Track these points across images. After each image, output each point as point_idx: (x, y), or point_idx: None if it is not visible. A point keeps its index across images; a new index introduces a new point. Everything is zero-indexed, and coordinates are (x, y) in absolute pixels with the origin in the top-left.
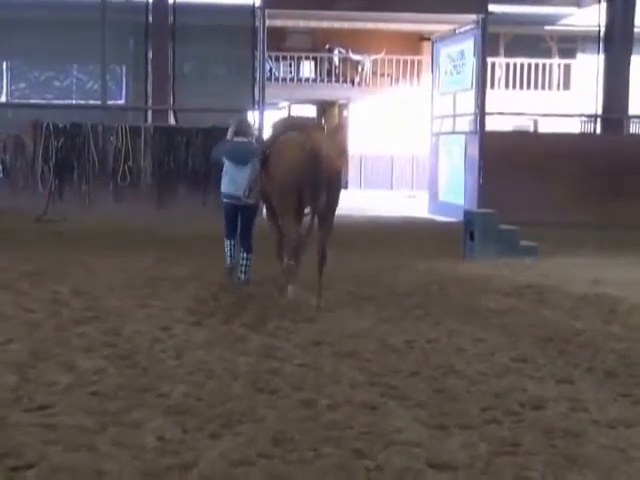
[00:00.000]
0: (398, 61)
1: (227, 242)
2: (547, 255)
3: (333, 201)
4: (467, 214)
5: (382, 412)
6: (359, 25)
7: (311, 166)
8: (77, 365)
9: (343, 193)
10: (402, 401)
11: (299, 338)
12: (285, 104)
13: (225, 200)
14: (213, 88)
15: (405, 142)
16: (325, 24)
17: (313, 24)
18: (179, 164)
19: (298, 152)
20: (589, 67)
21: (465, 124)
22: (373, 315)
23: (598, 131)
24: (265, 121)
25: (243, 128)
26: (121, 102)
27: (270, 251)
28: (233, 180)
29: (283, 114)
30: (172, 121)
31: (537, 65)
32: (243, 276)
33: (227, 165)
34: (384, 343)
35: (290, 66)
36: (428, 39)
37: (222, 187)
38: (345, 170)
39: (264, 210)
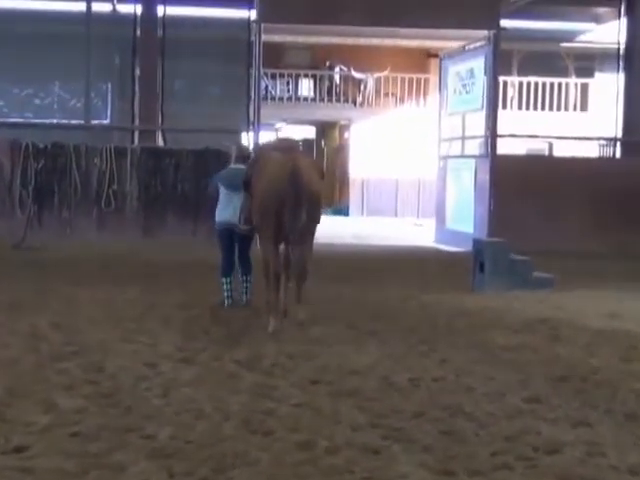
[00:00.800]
0: (403, 79)
1: (225, 280)
2: (561, 287)
3: (313, 223)
4: (476, 243)
5: (385, 456)
6: (362, 41)
7: (291, 184)
8: (56, 404)
9: (344, 220)
10: (407, 444)
11: (296, 376)
12: (282, 125)
13: (220, 229)
14: (205, 107)
15: (411, 166)
16: (325, 39)
17: (313, 39)
18: (167, 189)
19: (278, 170)
20: (608, 87)
21: (475, 147)
22: (375, 351)
23: (617, 155)
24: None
25: (241, 155)
26: (106, 122)
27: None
28: (228, 207)
29: (270, 137)
30: (160, 142)
31: (552, 84)
32: (245, 297)
33: (222, 192)
34: (387, 381)
35: (288, 84)
36: (436, 56)
37: (217, 216)
38: (344, 195)
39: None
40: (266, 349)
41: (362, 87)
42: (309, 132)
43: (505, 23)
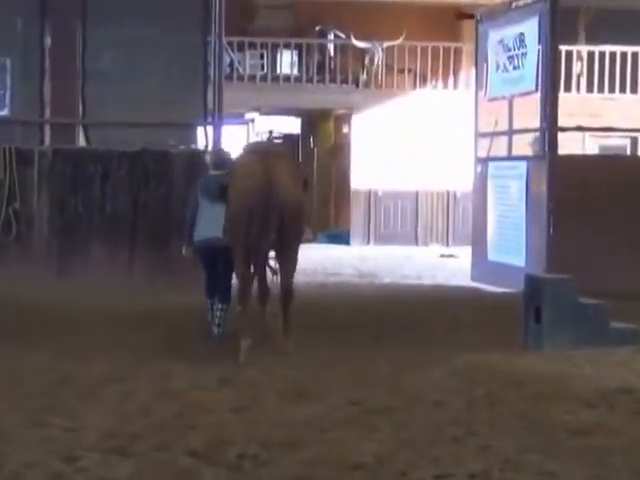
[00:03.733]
0: (425, 50)
1: (210, 302)
2: None
3: (292, 238)
4: (530, 281)
5: None
6: None
7: (262, 194)
8: None
9: (343, 250)
10: None
11: (273, 473)
12: (254, 116)
13: (201, 247)
14: (144, 92)
15: (437, 173)
16: None
17: None
18: (92, 207)
19: (246, 179)
20: None
21: (527, 145)
22: (389, 436)
23: None
24: (224, 141)
25: (219, 159)
26: (4, 113)
27: None
28: (210, 220)
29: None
30: (82, 142)
31: (636, 55)
32: (217, 329)
33: (201, 205)
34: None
35: (262, 58)
36: (471, 17)
37: (195, 235)
38: (343, 214)
39: None
40: (232, 433)
41: (367, 61)
42: (292, 126)
43: None
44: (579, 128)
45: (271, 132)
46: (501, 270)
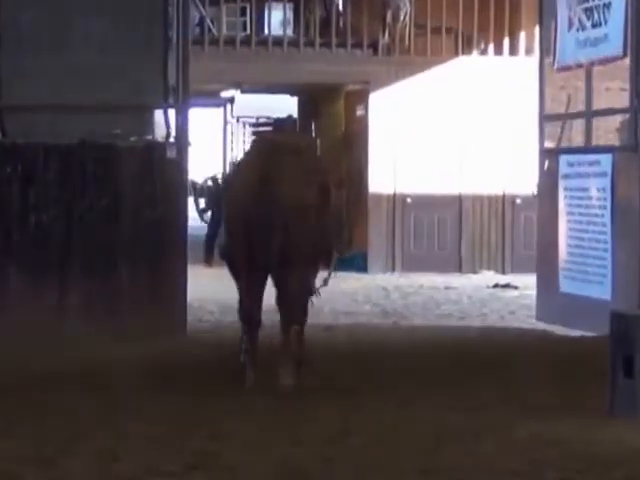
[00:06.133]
0: (470, 3)
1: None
2: None
3: (299, 246)
4: (619, 321)
5: None
6: None
7: (260, 194)
8: None
9: (358, 279)
10: None
11: None
12: (233, 93)
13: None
14: (80, 64)
15: (487, 171)
16: None
17: None
18: (8, 222)
19: (244, 179)
20: None
21: (612, 132)
22: None
23: None
24: (191, 125)
25: None
26: None
27: None
28: None
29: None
30: None
31: None
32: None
33: None
34: None
35: (244, 14)
36: None
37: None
38: (358, 230)
39: None
40: None
41: (389, 18)
42: (287, 106)
43: None
44: None
45: (257, 118)
46: (578, 306)
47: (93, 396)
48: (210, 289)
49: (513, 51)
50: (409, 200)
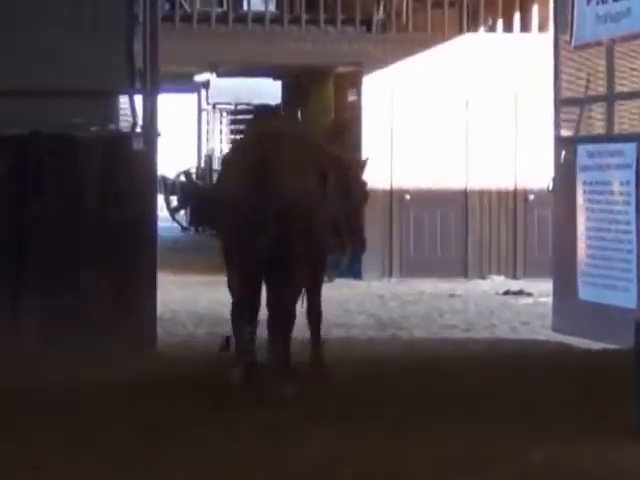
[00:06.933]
0: None
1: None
2: None
3: (296, 241)
4: None
5: None
6: None
7: (253, 183)
8: None
9: (352, 286)
10: None
11: None
12: (208, 77)
13: None
14: (34, 43)
15: (496, 163)
16: None
17: None
18: None
19: (236, 169)
20: None
21: (637, 118)
22: None
23: None
24: (160, 113)
25: None
26: None
27: None
28: None
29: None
30: None
31: None
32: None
33: None
34: None
35: None
36: None
37: None
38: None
39: None
40: None
41: None
42: (269, 91)
43: None
44: None
45: (236, 105)
46: (599, 315)
47: (50, 427)
48: (182, 298)
49: (525, 27)
50: (408, 196)
